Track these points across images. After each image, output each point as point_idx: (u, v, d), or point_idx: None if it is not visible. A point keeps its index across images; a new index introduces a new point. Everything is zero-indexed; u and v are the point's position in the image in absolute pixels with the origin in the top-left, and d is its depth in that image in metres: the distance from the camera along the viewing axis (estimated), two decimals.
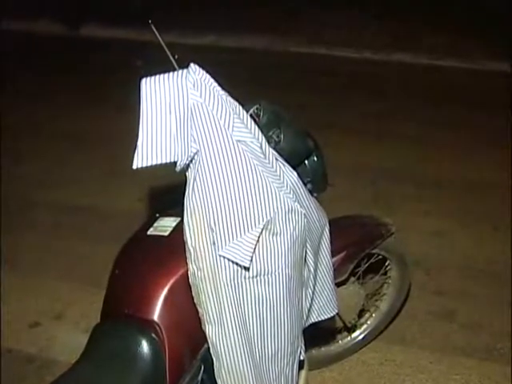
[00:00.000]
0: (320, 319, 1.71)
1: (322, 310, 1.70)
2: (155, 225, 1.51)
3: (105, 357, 1.32)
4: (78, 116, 4.70)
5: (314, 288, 1.61)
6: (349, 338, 2.43)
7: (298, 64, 5.53)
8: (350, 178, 3.57)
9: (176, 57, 1.38)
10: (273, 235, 1.29)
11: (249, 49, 5.92)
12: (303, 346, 1.57)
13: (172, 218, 1.49)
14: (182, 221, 1.46)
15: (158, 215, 1.55)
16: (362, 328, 2.44)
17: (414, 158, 3.89)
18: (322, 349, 2.39)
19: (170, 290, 1.36)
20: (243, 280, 1.29)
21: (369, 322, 2.43)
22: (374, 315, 2.42)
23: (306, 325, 1.65)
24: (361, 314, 2.37)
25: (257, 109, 1.54)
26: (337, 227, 1.94)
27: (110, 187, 3.73)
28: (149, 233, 1.49)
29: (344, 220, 2.09)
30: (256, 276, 1.30)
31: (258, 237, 1.26)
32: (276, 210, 1.28)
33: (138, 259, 1.46)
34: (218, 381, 1.37)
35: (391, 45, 5.71)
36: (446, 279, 2.89)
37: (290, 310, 1.41)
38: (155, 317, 1.33)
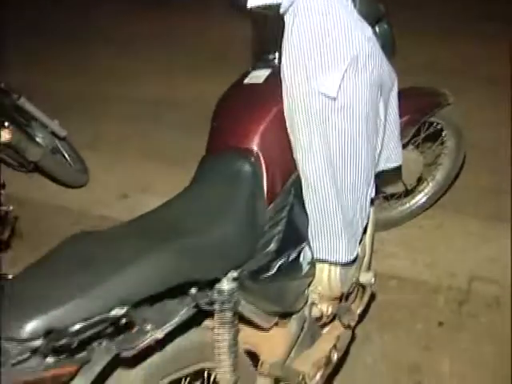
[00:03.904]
0: (387, 167, 1.94)
1: (390, 158, 1.92)
2: (249, 76, 1.75)
3: (212, 179, 1.58)
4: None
5: (384, 137, 1.84)
6: (407, 204, 2.69)
7: None
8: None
9: None
10: (355, 72, 1.52)
11: None
12: (374, 185, 1.82)
13: (264, 70, 1.73)
14: (273, 71, 1.71)
15: (250, 69, 1.78)
16: (420, 196, 2.69)
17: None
18: (383, 213, 2.65)
19: (267, 124, 1.60)
20: (330, 113, 1.53)
21: (426, 190, 2.68)
22: (430, 184, 2.66)
23: (376, 171, 1.89)
24: (419, 182, 2.61)
25: None
26: (401, 94, 2.15)
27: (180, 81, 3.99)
28: (245, 82, 1.73)
29: (406, 90, 2.28)
30: (340, 109, 1.54)
31: (344, 73, 1.50)
32: (359, 50, 1.50)
33: (239, 101, 1.71)
34: (306, 199, 1.63)
35: None
36: (500, 161, 3.08)
37: (367, 145, 1.64)
38: (254, 146, 1.58)
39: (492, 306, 2.34)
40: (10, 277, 1.33)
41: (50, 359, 1.07)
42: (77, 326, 1.02)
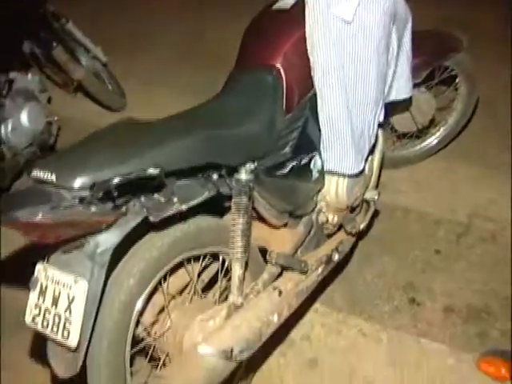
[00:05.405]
0: (398, 98, 2.12)
1: (400, 90, 2.11)
2: (278, 3, 1.95)
3: (239, 88, 1.81)
4: None
5: (395, 70, 2.03)
6: (418, 146, 2.88)
7: None
8: None
9: None
10: (370, 0, 1.72)
11: None
12: (383, 111, 2.01)
13: None
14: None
15: None
16: (431, 138, 2.87)
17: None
18: (395, 152, 2.84)
19: (290, 45, 1.80)
20: (345, 36, 1.73)
21: (437, 134, 2.86)
22: (442, 128, 2.85)
23: (387, 100, 2.08)
24: (430, 124, 2.79)
25: None
26: (417, 36, 2.32)
27: None
28: (273, 8, 1.94)
29: (423, 32, 2.44)
30: (355, 33, 1.74)
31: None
32: None
33: (266, 24, 1.91)
34: (320, 114, 1.84)
35: None
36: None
37: (377, 66, 1.82)
38: (277, 63, 1.79)
39: (488, 240, 2.54)
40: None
41: (93, 208, 1.30)
42: (116, 180, 1.25)
